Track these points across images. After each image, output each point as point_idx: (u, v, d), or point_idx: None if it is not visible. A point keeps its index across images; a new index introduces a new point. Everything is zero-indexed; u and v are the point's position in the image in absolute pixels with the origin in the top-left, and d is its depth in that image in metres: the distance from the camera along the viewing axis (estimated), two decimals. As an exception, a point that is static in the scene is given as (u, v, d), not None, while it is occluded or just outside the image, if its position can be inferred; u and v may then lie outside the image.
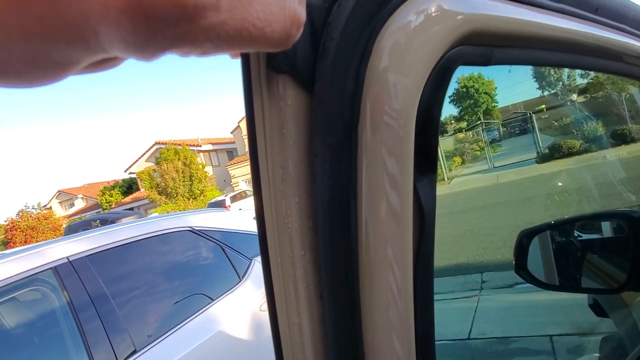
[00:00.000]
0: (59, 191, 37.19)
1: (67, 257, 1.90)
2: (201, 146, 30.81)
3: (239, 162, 28.65)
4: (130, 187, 33.51)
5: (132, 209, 27.49)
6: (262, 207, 0.32)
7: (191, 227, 2.54)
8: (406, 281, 0.33)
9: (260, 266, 0.36)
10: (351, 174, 0.30)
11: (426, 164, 0.33)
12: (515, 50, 0.38)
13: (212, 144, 32.17)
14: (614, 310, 1.36)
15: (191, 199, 25.85)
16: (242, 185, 27.84)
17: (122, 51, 0.17)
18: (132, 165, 31.77)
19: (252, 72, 0.29)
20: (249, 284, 2.53)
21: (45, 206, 32.86)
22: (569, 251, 1.20)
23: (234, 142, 31.60)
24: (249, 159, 0.33)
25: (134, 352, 1.86)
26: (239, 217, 2.89)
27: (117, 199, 32.04)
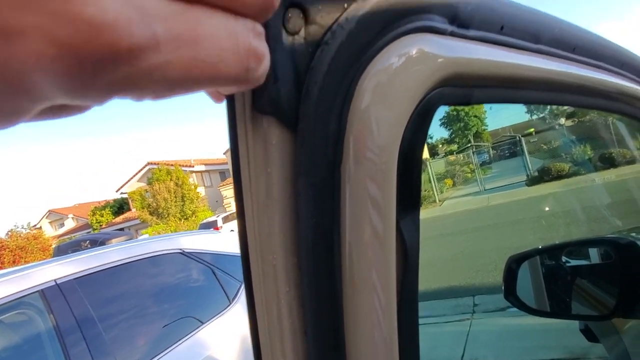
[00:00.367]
0: (49, 211, 36.68)
1: (55, 280, 1.87)
2: (194, 167, 30.72)
3: (231, 183, 28.32)
4: (121, 207, 33.18)
5: (122, 229, 27.14)
6: (246, 244, 0.33)
7: (182, 249, 2.52)
8: (390, 320, 0.33)
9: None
10: (334, 211, 0.31)
11: (410, 200, 0.34)
12: (495, 90, 0.39)
13: (205, 164, 32.09)
14: (605, 335, 1.36)
15: (183, 220, 25.62)
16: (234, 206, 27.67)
17: (66, 98, 0.17)
18: (123, 185, 31.54)
19: (237, 112, 0.29)
20: (239, 307, 2.50)
21: (35, 226, 32.36)
22: (559, 276, 1.20)
23: (227, 163, 31.53)
24: (234, 196, 0.34)
25: (120, 377, 1.82)
26: (229, 239, 2.88)
27: (107, 219, 31.66)
